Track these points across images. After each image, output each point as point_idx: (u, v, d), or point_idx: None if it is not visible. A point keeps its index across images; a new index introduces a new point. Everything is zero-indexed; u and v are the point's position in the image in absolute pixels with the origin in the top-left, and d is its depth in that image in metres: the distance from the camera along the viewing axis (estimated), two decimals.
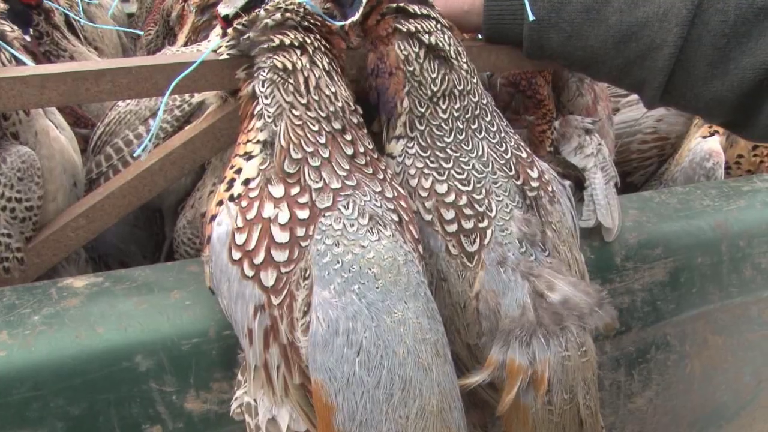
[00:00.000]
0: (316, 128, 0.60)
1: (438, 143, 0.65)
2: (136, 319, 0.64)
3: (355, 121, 0.64)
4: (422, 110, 0.66)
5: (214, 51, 0.71)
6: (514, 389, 0.58)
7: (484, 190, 0.64)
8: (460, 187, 0.64)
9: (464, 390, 0.59)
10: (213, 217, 0.60)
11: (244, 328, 0.56)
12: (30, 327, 0.63)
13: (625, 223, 0.85)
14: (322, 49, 0.65)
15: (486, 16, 0.82)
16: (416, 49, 0.66)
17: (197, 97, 0.90)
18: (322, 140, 0.60)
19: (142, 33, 1.53)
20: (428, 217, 0.63)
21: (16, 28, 0.82)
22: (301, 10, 0.66)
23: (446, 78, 0.66)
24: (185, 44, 1.24)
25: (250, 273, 0.55)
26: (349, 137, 0.62)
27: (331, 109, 0.62)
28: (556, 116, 0.99)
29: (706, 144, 1.11)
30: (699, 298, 0.89)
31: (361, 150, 0.62)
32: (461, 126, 0.66)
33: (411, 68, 0.66)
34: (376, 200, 0.59)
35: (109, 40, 1.51)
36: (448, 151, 0.65)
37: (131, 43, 1.67)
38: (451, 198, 0.63)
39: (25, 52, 0.81)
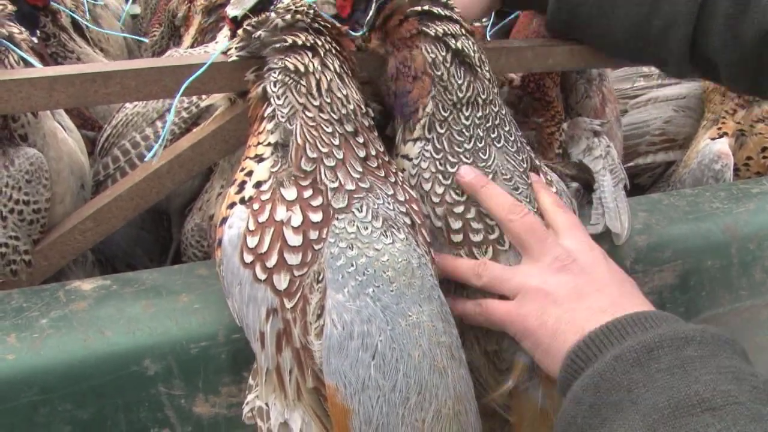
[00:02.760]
0: (329, 130, 0.60)
1: (456, 148, 0.65)
2: (145, 322, 0.64)
3: (367, 123, 0.64)
4: (445, 115, 0.65)
5: (224, 53, 0.70)
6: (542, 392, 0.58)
7: None
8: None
9: (496, 400, 0.59)
10: (224, 220, 0.59)
11: (256, 331, 0.55)
12: (38, 330, 0.62)
13: (634, 226, 0.85)
14: (333, 51, 0.65)
15: None
16: (443, 53, 0.65)
17: (206, 101, 0.90)
18: (336, 142, 0.60)
19: (146, 40, 1.53)
20: (438, 224, 0.63)
21: (24, 29, 0.81)
22: (312, 11, 0.65)
23: (471, 86, 0.65)
24: (191, 46, 1.24)
25: (262, 276, 0.54)
26: (361, 140, 0.61)
27: (343, 111, 0.61)
28: (565, 118, 0.99)
29: (714, 146, 1.10)
30: (708, 301, 0.89)
31: (373, 153, 0.62)
32: (481, 134, 0.65)
33: (439, 72, 0.65)
34: (389, 203, 0.58)
35: (114, 41, 1.51)
36: (462, 158, 0.64)
37: (136, 43, 1.67)
38: (460, 209, 0.63)
39: (33, 54, 0.81)
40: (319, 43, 0.64)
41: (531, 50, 0.85)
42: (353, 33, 0.71)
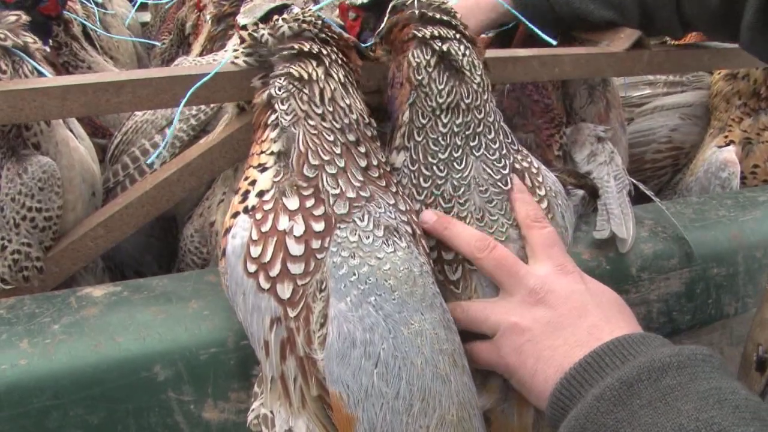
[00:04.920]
0: (331, 138, 0.61)
1: (431, 159, 0.64)
2: (155, 328, 0.65)
3: (369, 134, 0.64)
4: (424, 122, 0.64)
5: (233, 62, 0.71)
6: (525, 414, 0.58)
7: (470, 217, 0.63)
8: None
9: None
10: (228, 230, 0.60)
11: (260, 340, 0.56)
12: (50, 336, 0.63)
13: (640, 234, 0.85)
14: (339, 61, 0.65)
15: None
16: (428, 57, 0.65)
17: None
18: (338, 150, 0.60)
19: (159, 44, 1.55)
20: None
21: (38, 39, 0.83)
22: (319, 22, 0.66)
23: (454, 90, 0.64)
24: (200, 53, 1.25)
25: (266, 285, 0.55)
26: (363, 149, 0.62)
27: (346, 120, 0.62)
28: (567, 123, 0.99)
29: (721, 154, 1.10)
30: (715, 309, 0.89)
31: (375, 163, 0.62)
32: (459, 143, 0.64)
33: (420, 77, 0.64)
34: (390, 212, 0.59)
35: (124, 50, 1.53)
36: (435, 169, 0.64)
37: (145, 51, 1.69)
38: None
39: (46, 63, 0.82)
40: (325, 52, 0.64)
41: (537, 59, 0.86)
42: (363, 44, 0.72)
